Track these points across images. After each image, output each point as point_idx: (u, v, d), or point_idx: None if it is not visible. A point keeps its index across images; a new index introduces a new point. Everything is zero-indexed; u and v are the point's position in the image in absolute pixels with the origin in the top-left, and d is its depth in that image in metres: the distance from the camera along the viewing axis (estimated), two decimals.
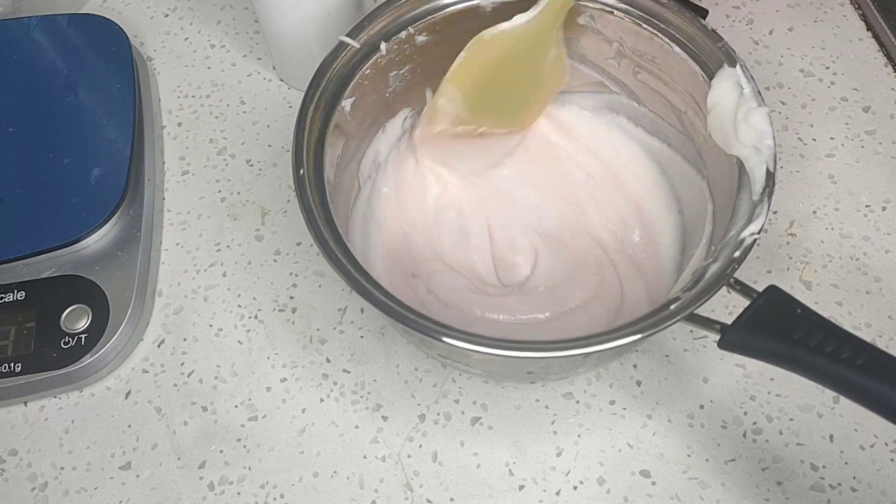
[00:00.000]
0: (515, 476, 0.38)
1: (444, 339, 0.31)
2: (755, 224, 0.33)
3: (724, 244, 0.33)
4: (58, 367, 0.40)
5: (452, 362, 0.38)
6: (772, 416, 0.39)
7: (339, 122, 0.38)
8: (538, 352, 0.31)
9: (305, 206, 0.34)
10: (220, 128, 0.50)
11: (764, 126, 0.35)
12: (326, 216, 0.34)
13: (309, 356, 0.42)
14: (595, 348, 0.31)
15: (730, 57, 0.36)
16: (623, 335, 0.31)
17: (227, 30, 0.54)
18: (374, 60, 0.39)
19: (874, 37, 0.52)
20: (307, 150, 0.36)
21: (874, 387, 0.29)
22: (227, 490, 0.38)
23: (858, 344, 0.29)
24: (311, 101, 0.37)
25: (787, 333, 0.30)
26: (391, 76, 0.41)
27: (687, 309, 0.31)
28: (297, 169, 0.35)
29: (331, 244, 0.33)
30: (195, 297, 0.44)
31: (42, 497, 0.38)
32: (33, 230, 0.42)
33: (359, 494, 0.38)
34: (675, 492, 0.38)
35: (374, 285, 0.32)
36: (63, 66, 0.48)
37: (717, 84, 0.37)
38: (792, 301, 0.31)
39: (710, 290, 0.32)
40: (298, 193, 0.35)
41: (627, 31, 0.40)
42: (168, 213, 0.47)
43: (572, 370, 0.38)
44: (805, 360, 0.30)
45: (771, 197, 0.33)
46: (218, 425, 0.40)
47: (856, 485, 0.38)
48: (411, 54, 0.41)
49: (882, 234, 0.44)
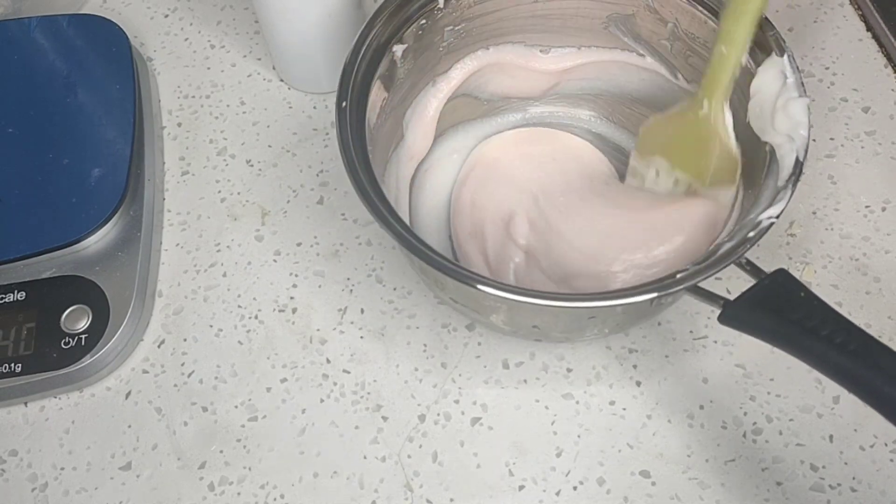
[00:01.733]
0: (515, 476, 0.38)
1: (451, 277, 0.32)
2: (775, 208, 0.33)
3: (742, 225, 0.34)
4: (58, 367, 0.40)
5: (462, 306, 0.38)
6: (772, 417, 0.39)
7: (389, 67, 0.39)
8: (544, 300, 0.32)
9: (343, 140, 0.35)
10: (220, 128, 0.50)
11: (801, 116, 0.35)
12: (362, 148, 0.35)
13: (309, 356, 0.42)
14: (597, 304, 0.31)
15: (779, 46, 0.37)
16: (626, 295, 0.31)
17: (227, 30, 0.54)
18: (430, 10, 0.40)
19: (874, 37, 0.52)
20: (353, 87, 0.36)
21: (862, 372, 0.29)
22: (227, 490, 0.38)
23: (854, 330, 0.30)
24: (363, 40, 0.38)
25: (786, 314, 0.31)
26: (447, 31, 0.41)
27: (692, 279, 0.32)
28: (339, 101, 0.36)
29: (362, 179, 0.34)
30: (195, 297, 0.44)
31: (42, 497, 0.38)
32: (33, 230, 0.42)
33: (359, 494, 0.38)
34: (675, 492, 0.38)
35: (398, 221, 0.33)
36: (63, 67, 0.48)
37: (762, 71, 0.37)
38: (797, 284, 0.32)
39: (718, 264, 0.32)
40: (338, 125, 0.35)
41: (683, 12, 0.40)
42: (168, 213, 0.47)
43: (578, 331, 0.38)
44: (798, 340, 0.30)
45: (796, 184, 0.33)
46: (218, 425, 0.40)
47: (856, 485, 0.38)
48: (469, 12, 0.41)
49: (882, 235, 0.44)
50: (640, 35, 0.43)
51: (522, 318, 0.37)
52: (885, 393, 0.29)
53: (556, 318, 0.36)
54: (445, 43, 0.42)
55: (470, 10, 0.41)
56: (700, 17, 0.39)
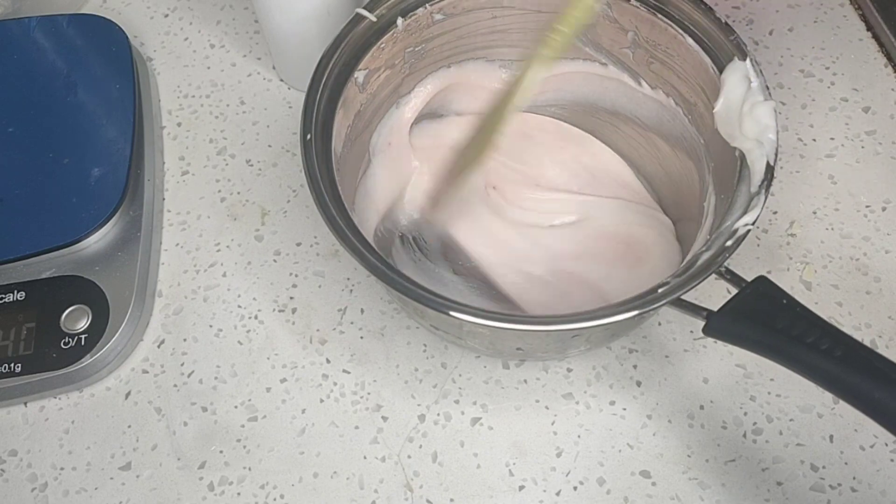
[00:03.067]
0: (515, 476, 0.38)
1: (429, 307, 0.31)
2: (750, 215, 0.33)
3: (718, 234, 0.33)
4: (58, 367, 0.40)
5: (444, 333, 0.38)
6: (772, 417, 0.39)
7: (352, 94, 0.39)
8: (524, 325, 0.31)
9: (310, 172, 0.35)
10: (220, 128, 0.50)
11: (768, 120, 0.35)
12: (330, 180, 0.35)
13: (309, 356, 0.42)
14: (580, 325, 0.31)
15: (741, 50, 0.37)
16: (607, 314, 0.31)
17: (227, 30, 0.54)
18: (390, 35, 0.39)
19: (874, 37, 0.52)
20: (316, 117, 0.36)
21: (850, 379, 0.29)
22: (227, 490, 0.38)
23: (839, 336, 0.30)
24: (323, 69, 0.37)
25: (770, 322, 0.31)
26: (407, 52, 0.41)
27: (674, 293, 0.32)
28: (304, 134, 0.36)
29: (331, 208, 0.34)
30: (195, 297, 0.44)
31: (42, 497, 0.38)
32: (33, 230, 0.42)
33: (359, 495, 0.38)
34: (675, 492, 0.38)
35: (369, 250, 0.33)
36: (63, 67, 0.48)
37: (726, 77, 0.37)
38: (779, 292, 0.32)
39: (699, 276, 0.32)
40: (304, 158, 0.35)
41: (643, 21, 0.40)
42: (168, 213, 0.47)
43: (561, 351, 0.38)
44: (784, 349, 0.30)
45: (768, 190, 0.33)
46: (218, 426, 0.40)
47: (856, 485, 0.38)
48: (428, 32, 0.41)
49: (882, 235, 0.44)
50: (601, 45, 0.42)
51: (505, 342, 0.37)
52: (874, 398, 0.29)
53: (539, 340, 0.36)
54: (406, 64, 0.42)
55: (429, 31, 0.41)
56: (660, 24, 0.39)
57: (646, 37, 0.40)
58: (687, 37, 0.38)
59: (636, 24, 0.40)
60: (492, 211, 0.44)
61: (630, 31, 0.41)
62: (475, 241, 0.43)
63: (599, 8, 0.39)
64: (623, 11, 0.40)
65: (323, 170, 0.35)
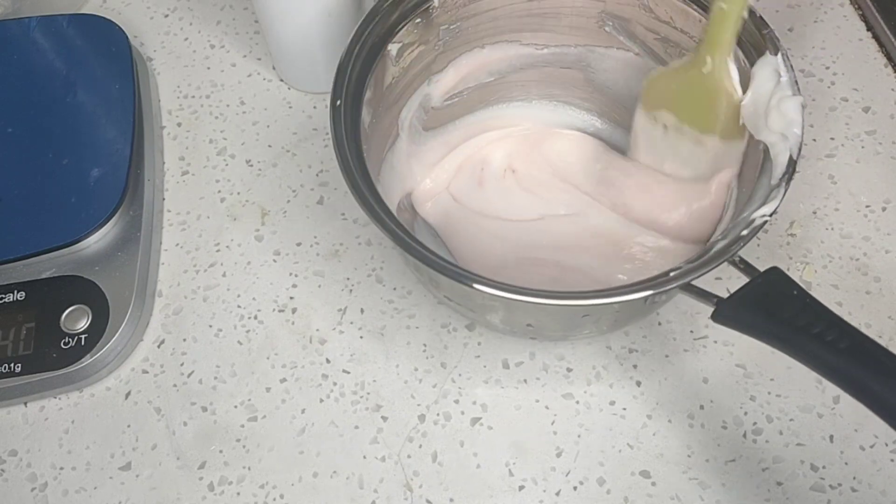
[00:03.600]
0: (515, 476, 0.38)
1: (444, 275, 0.32)
2: (768, 206, 0.33)
3: (735, 224, 0.34)
4: (58, 367, 0.40)
5: (456, 304, 0.38)
6: (772, 417, 0.39)
7: (384, 66, 0.39)
8: (537, 297, 0.31)
9: (337, 138, 0.35)
10: (220, 128, 0.50)
11: (795, 115, 0.35)
12: (357, 148, 0.35)
13: (309, 356, 0.42)
14: (591, 301, 0.31)
15: (773, 44, 0.37)
16: (620, 293, 0.31)
17: (227, 30, 0.54)
18: (425, 9, 0.40)
19: (874, 37, 0.52)
20: (347, 86, 0.36)
21: (853, 371, 0.29)
22: (226, 490, 0.38)
23: (845, 328, 0.30)
24: (357, 38, 0.37)
25: (778, 312, 0.31)
26: (441, 30, 0.41)
27: (685, 277, 0.32)
28: (334, 100, 0.36)
29: (356, 177, 0.34)
30: (195, 297, 0.44)
31: (42, 497, 0.38)
32: (33, 230, 0.42)
33: (358, 494, 0.38)
34: (675, 492, 0.38)
35: (391, 218, 0.33)
36: (63, 67, 0.48)
37: (757, 70, 0.37)
38: (790, 283, 0.32)
39: (711, 262, 0.32)
40: (332, 124, 0.35)
41: (677, 11, 0.40)
42: (168, 213, 0.47)
43: (572, 329, 0.39)
44: (790, 338, 0.30)
45: (789, 183, 0.33)
46: (218, 425, 0.40)
47: (856, 485, 0.37)
48: (464, 11, 0.41)
49: (882, 235, 0.44)
50: (634, 34, 0.42)
51: (516, 317, 0.37)
52: (876, 391, 0.29)
53: (550, 317, 0.36)
54: (441, 41, 0.42)
55: (465, 9, 0.41)
56: (694, 15, 0.39)
57: (680, 27, 0.40)
58: None
59: (671, 14, 0.40)
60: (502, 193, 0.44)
61: (665, 22, 0.41)
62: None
63: None
64: (659, 1, 0.40)
65: (350, 138, 0.35)
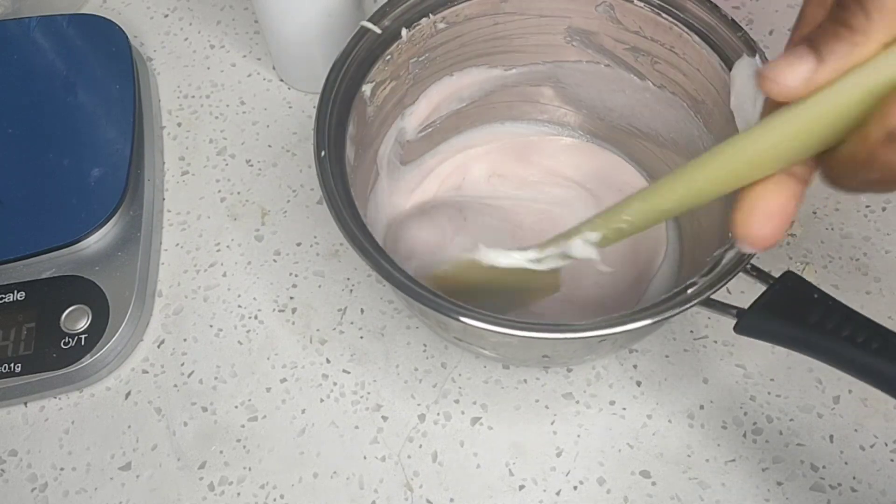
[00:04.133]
0: (515, 476, 0.38)
1: (461, 318, 0.31)
2: None
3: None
4: (58, 367, 0.40)
5: (468, 344, 0.38)
6: (772, 417, 0.39)
7: (360, 107, 0.39)
8: (553, 333, 0.31)
9: (327, 188, 0.35)
10: (220, 128, 0.50)
11: None
12: (347, 198, 0.35)
13: (309, 356, 0.42)
14: (610, 330, 0.31)
15: (749, 46, 0.36)
16: (639, 318, 0.31)
17: (227, 30, 0.54)
18: (395, 46, 0.39)
19: None
20: (328, 133, 0.36)
21: (889, 370, 0.29)
22: (227, 490, 0.38)
23: (874, 328, 0.30)
24: (332, 85, 0.37)
25: (803, 317, 0.30)
26: (411, 63, 0.41)
27: (703, 294, 0.31)
28: (318, 151, 0.35)
29: (351, 226, 0.34)
30: (195, 297, 0.44)
31: (42, 497, 0.38)
32: (33, 230, 0.42)
33: (359, 495, 0.38)
34: (675, 492, 0.38)
35: (393, 266, 0.33)
36: (63, 67, 0.48)
37: (736, 73, 0.36)
38: (808, 286, 0.31)
39: (727, 275, 0.32)
40: (320, 175, 0.35)
41: (646, 21, 0.40)
42: (168, 213, 0.47)
43: (587, 354, 0.38)
44: (820, 343, 0.30)
45: None
46: (218, 426, 0.40)
47: (856, 485, 0.38)
48: (432, 42, 0.41)
49: (882, 235, 0.44)
50: (603, 46, 0.42)
51: (532, 351, 0.37)
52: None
53: (568, 347, 0.36)
54: (411, 75, 0.42)
55: (432, 40, 0.41)
56: (664, 24, 0.39)
57: (650, 36, 0.40)
58: (693, 35, 0.38)
59: (639, 23, 0.40)
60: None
61: (633, 32, 0.40)
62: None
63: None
64: (626, 12, 0.40)
65: (339, 185, 0.35)
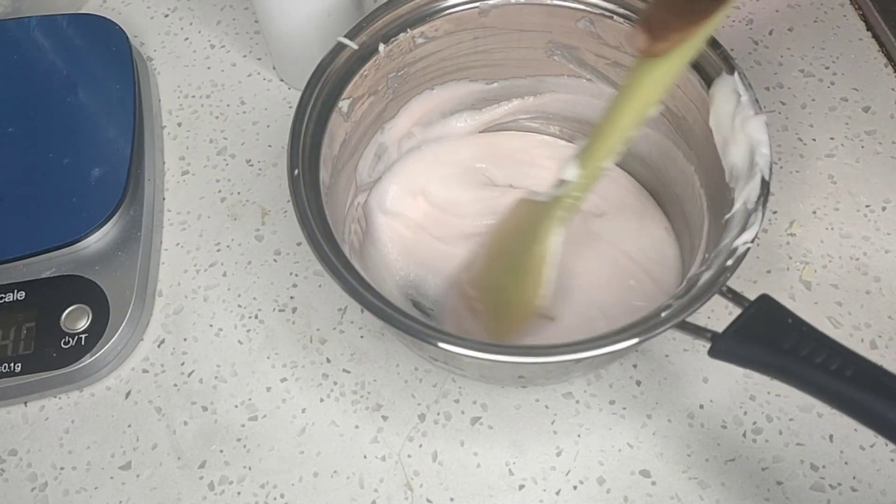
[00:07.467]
0: (515, 476, 0.38)
1: (437, 343, 0.31)
2: (748, 233, 0.32)
3: (717, 252, 0.33)
4: (58, 367, 0.40)
5: (445, 365, 0.38)
6: (772, 416, 0.39)
7: (337, 123, 0.38)
8: (527, 357, 0.31)
9: (300, 207, 0.34)
10: (220, 128, 0.50)
11: (760, 134, 0.34)
12: (321, 216, 0.34)
13: (309, 356, 0.42)
14: (584, 354, 0.30)
15: (728, 64, 0.36)
16: (612, 342, 0.31)
17: (227, 30, 0.54)
18: (372, 62, 0.39)
19: (874, 37, 0.52)
20: (303, 151, 0.36)
21: (862, 399, 0.28)
22: (227, 490, 0.38)
23: (848, 355, 0.29)
24: (307, 101, 0.37)
25: (777, 343, 0.30)
26: (390, 78, 0.41)
27: (677, 317, 0.31)
28: (291, 169, 0.35)
29: (323, 245, 0.33)
30: (195, 297, 0.44)
31: (42, 497, 0.38)
32: (33, 230, 0.42)
33: (359, 494, 0.38)
34: (675, 492, 0.38)
35: (366, 288, 0.32)
36: (63, 66, 0.48)
37: (715, 91, 0.36)
38: (783, 311, 0.31)
39: (701, 298, 0.31)
40: (293, 194, 0.34)
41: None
42: (168, 213, 0.47)
43: (564, 375, 0.38)
44: (794, 370, 0.30)
45: (765, 206, 0.33)
46: (218, 425, 0.40)
47: (856, 485, 0.38)
48: (410, 57, 0.41)
49: (882, 234, 0.44)
50: (584, 61, 0.42)
51: (504, 372, 0.37)
52: (888, 417, 0.28)
53: (542, 369, 0.35)
54: (390, 89, 0.41)
55: (411, 55, 0.41)
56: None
57: (631, 52, 0.40)
58: None
59: (620, 39, 0.40)
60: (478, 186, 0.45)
61: (614, 47, 0.40)
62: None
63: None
64: (606, 28, 0.39)
65: (312, 205, 0.34)
